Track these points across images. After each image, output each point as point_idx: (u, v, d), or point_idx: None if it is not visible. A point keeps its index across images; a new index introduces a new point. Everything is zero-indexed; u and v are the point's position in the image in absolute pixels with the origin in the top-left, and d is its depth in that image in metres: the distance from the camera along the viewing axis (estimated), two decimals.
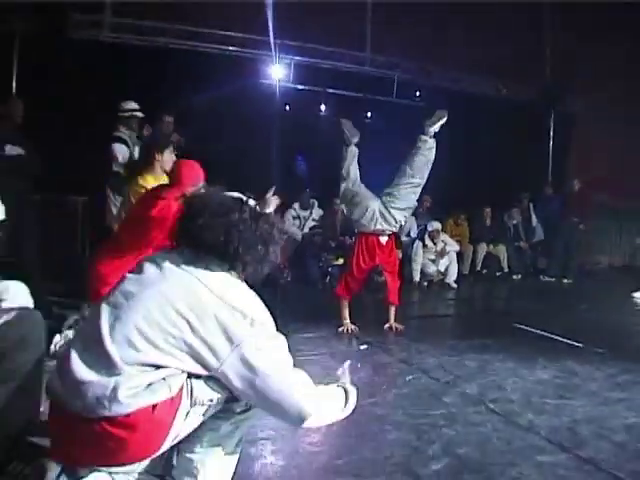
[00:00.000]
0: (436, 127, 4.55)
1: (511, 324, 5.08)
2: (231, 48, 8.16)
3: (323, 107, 8.76)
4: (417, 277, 7.62)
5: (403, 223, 4.92)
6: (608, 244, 10.35)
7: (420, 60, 9.25)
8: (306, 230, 7.97)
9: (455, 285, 7.65)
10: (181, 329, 1.52)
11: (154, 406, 1.51)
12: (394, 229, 4.77)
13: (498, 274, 8.76)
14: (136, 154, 5.03)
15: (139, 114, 5.25)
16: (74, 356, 1.52)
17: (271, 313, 1.70)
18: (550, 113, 10.44)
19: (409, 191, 4.61)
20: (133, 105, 5.27)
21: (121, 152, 5.04)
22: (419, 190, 4.73)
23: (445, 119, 4.55)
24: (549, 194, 9.63)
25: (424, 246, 7.69)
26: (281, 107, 8.48)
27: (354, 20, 8.65)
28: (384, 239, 4.72)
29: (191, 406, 1.59)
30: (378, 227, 4.66)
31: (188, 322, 1.53)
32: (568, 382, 3.46)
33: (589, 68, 9.40)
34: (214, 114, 7.56)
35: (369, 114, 9.11)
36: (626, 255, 10.38)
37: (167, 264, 1.63)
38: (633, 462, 2.40)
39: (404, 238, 8.08)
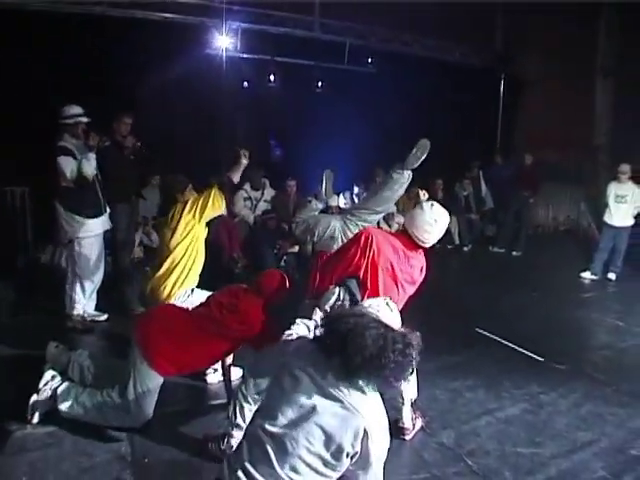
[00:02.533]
0: (419, 162, 4.05)
1: (473, 329, 5.20)
2: (173, 15, 7.54)
3: (272, 77, 8.32)
4: None
5: None
6: (553, 208, 10.66)
7: (371, 24, 8.88)
8: (258, 212, 7.74)
9: None
10: (337, 457, 1.83)
11: None
12: None
13: (450, 247, 8.89)
14: (85, 166, 4.65)
15: (84, 119, 4.78)
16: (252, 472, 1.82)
17: None
18: (501, 79, 10.34)
19: (370, 217, 4.42)
20: (77, 110, 4.75)
21: (69, 166, 4.61)
22: (379, 217, 4.60)
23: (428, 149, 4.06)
24: (499, 163, 9.72)
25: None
26: (229, 78, 8.00)
27: None
28: None
29: None
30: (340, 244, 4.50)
31: (341, 449, 1.81)
32: (536, 419, 3.58)
33: (541, 35, 9.33)
34: (154, 89, 7.07)
35: (320, 83, 8.76)
36: (569, 219, 10.74)
37: (320, 382, 1.86)
38: None
39: None
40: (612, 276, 7.10)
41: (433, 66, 9.32)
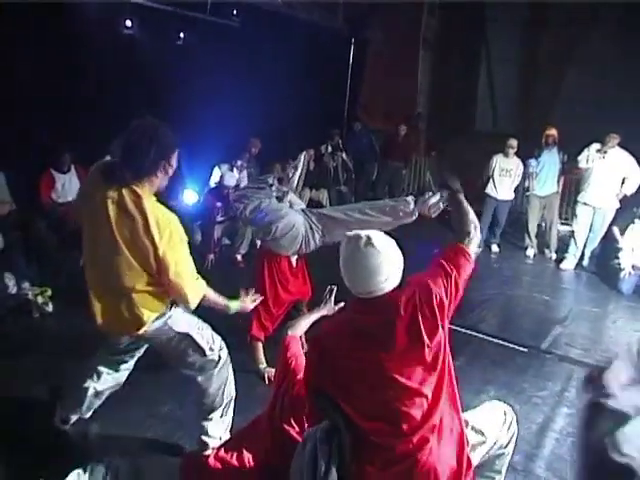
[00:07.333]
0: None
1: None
2: None
3: (129, 22, 6.76)
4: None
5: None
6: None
7: None
8: None
9: None
10: None
11: None
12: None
13: None
14: None
15: None
16: None
17: None
18: (351, 45, 10.05)
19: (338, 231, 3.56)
20: None
21: None
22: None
23: None
24: (358, 129, 9.54)
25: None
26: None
27: None
28: (294, 259, 3.87)
29: None
30: (297, 249, 3.72)
31: None
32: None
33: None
34: None
35: (182, 34, 7.45)
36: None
37: None
38: None
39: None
40: (495, 248, 7.39)
41: (294, 26, 8.63)
